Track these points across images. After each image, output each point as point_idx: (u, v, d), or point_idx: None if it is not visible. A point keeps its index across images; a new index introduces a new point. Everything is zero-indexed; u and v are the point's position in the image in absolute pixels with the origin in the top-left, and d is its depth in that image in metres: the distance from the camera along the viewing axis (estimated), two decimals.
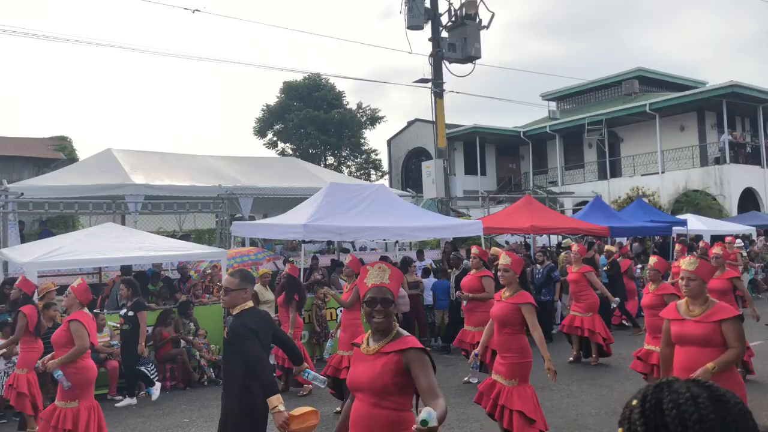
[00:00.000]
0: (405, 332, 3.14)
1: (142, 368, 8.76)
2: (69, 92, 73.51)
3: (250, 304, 4.28)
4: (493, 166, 32.96)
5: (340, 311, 11.33)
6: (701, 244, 14.59)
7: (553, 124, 30.36)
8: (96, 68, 77.34)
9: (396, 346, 3.03)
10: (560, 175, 30.52)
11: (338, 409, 7.34)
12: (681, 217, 18.99)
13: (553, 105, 34.69)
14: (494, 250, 12.32)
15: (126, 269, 11.13)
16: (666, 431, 1.11)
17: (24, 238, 13.72)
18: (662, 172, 26.11)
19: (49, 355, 5.72)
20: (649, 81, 31.76)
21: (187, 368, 9.28)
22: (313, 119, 33.46)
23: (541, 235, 16.73)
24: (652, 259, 7.48)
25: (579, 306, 9.83)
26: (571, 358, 9.94)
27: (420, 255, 14.23)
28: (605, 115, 27.66)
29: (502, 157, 33.30)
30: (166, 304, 10.29)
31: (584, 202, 21.67)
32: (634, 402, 1.17)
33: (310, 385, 8.38)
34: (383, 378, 2.97)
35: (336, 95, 35.67)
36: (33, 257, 8.85)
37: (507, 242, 18.10)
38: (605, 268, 13.09)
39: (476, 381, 5.42)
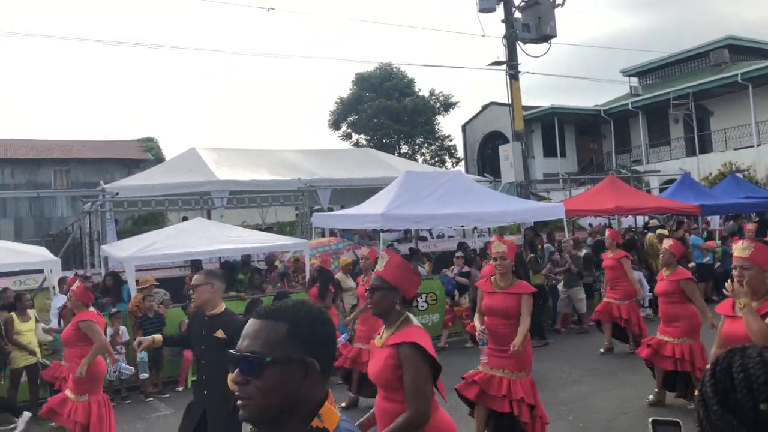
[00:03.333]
0: (413, 322, 3.02)
1: None
2: (154, 95, 77.08)
3: (224, 306, 4.25)
4: (573, 147, 32.01)
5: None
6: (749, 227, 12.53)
7: (636, 101, 29.13)
8: (179, 70, 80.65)
9: (396, 338, 2.96)
10: (645, 153, 29.29)
11: (343, 404, 7.21)
12: None
13: (634, 81, 33.27)
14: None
15: (196, 263, 11.37)
16: (733, 394, 1.11)
17: (118, 236, 14.55)
18: (758, 145, 24.55)
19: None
20: (739, 49, 29.86)
21: None
22: (385, 109, 33.60)
23: (626, 216, 16.16)
24: (667, 242, 6.85)
25: (615, 293, 9.20)
26: (603, 349, 9.29)
27: None
28: (692, 88, 26.25)
29: (583, 137, 32.28)
30: (254, 293, 10.65)
31: (671, 181, 20.70)
32: (708, 366, 1.20)
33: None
34: (385, 373, 2.94)
35: (407, 83, 35.65)
36: (130, 252, 9.38)
37: (590, 225, 17.60)
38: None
39: (486, 359, 5.25)
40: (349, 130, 36.36)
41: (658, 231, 10.97)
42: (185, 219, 14.19)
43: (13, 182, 24.32)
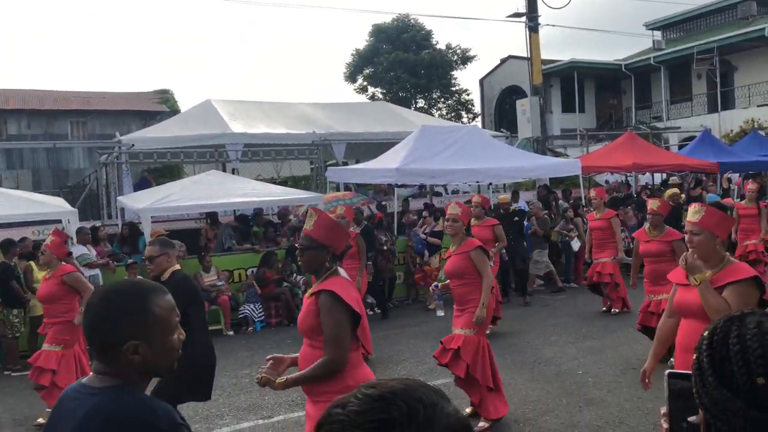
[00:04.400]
0: (339, 274, 3.09)
1: (250, 306, 9.28)
2: (169, 46, 76.52)
3: (178, 266, 4.48)
4: (592, 103, 31.45)
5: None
6: (736, 182, 11.93)
7: (658, 55, 28.41)
8: (192, 22, 79.80)
9: (318, 287, 3.06)
10: (665, 109, 28.73)
11: None
12: None
13: (657, 34, 32.35)
14: (502, 197, 11.45)
15: (212, 216, 11.31)
16: (729, 365, 1.07)
17: (135, 187, 14.62)
18: None
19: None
20: None
21: (290, 306, 9.74)
22: (402, 62, 33.09)
23: (643, 173, 15.99)
24: (653, 203, 6.70)
25: (603, 253, 8.98)
26: (605, 308, 9.21)
27: (515, 196, 13.98)
28: (717, 43, 25.51)
29: (602, 92, 31.67)
30: (269, 246, 10.75)
31: (691, 138, 20.35)
32: (705, 333, 1.15)
33: None
34: (308, 319, 3.03)
35: (425, 35, 34.99)
36: (146, 204, 9.47)
37: (607, 181, 17.43)
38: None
39: (442, 314, 5.52)
40: (365, 83, 35.94)
41: (650, 199, 10.80)
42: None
43: (30, 133, 24.44)
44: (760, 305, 3.10)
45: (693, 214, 3.42)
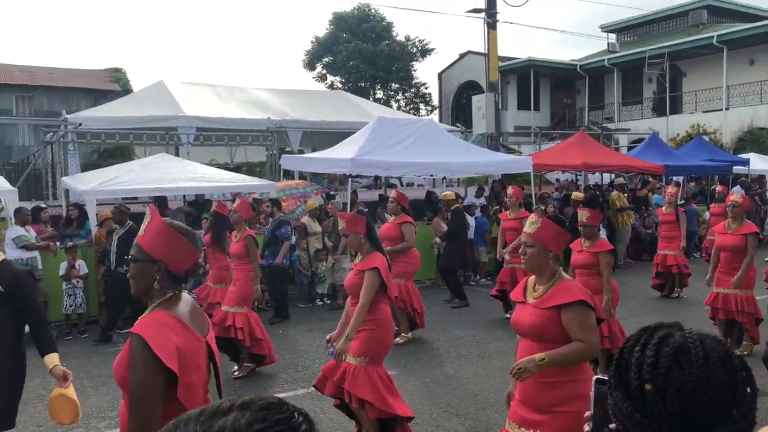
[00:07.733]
0: (174, 307, 2.23)
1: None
2: (123, 24, 74.27)
3: (2, 255, 3.67)
4: (547, 101, 32.01)
5: None
6: (719, 188, 12.25)
7: (612, 58, 29.09)
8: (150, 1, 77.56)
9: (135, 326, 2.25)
10: (617, 111, 29.46)
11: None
12: (743, 156, 18.18)
13: (612, 37, 33.14)
14: (446, 194, 11.01)
15: (161, 200, 10.92)
16: (626, 370, 1.12)
17: (82, 168, 14.19)
18: (726, 109, 24.86)
19: None
20: (718, 11, 29.86)
21: None
22: (362, 51, 32.97)
23: (593, 173, 16.35)
24: (583, 213, 6.21)
25: (518, 258, 8.03)
26: (508, 315, 8.14)
27: (479, 191, 14.18)
28: (668, 48, 26.27)
29: (557, 91, 32.26)
30: None
31: (641, 140, 20.92)
32: (625, 342, 1.19)
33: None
34: (120, 367, 2.20)
35: (385, 27, 34.94)
36: (91, 186, 9.20)
37: (557, 180, 17.79)
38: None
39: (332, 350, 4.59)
40: (324, 72, 35.68)
41: (574, 194, 11.14)
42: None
43: None
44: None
45: (529, 225, 3.25)
